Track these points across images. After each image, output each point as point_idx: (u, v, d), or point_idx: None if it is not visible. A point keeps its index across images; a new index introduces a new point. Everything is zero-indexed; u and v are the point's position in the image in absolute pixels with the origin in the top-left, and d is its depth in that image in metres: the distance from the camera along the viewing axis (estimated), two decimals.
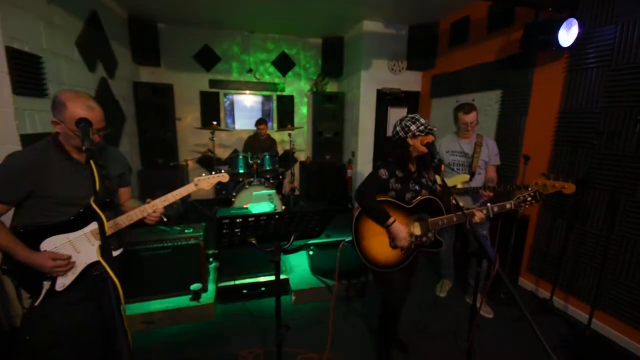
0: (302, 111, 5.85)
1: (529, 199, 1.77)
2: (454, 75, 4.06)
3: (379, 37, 4.55)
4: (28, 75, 2.26)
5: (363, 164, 4.92)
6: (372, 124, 4.82)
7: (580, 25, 2.47)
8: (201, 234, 2.55)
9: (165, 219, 2.53)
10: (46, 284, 1.33)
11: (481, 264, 1.51)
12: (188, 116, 5.22)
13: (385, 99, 4.80)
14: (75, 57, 3.03)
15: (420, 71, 4.80)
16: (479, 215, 1.76)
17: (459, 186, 2.61)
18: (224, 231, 1.22)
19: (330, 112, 5.34)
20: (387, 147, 1.90)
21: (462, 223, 1.63)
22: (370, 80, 4.66)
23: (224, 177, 1.72)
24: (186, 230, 2.57)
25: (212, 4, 4.01)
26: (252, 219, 1.17)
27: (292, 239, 1.39)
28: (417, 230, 1.84)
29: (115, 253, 1.54)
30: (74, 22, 3.02)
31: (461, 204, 1.75)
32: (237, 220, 1.15)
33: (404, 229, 1.76)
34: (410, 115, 1.78)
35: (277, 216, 1.18)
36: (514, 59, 3.12)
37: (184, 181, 4.26)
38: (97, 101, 1.38)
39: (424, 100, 4.81)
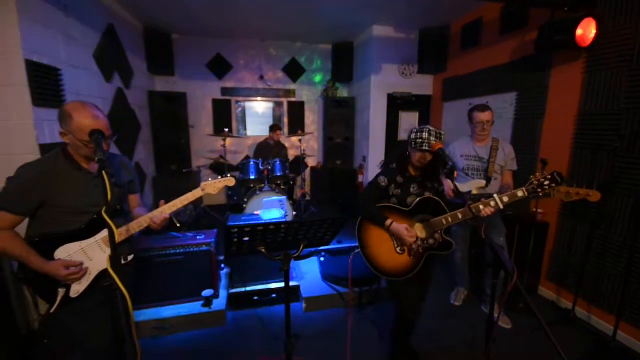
0: (313, 116, 5.87)
1: (546, 182, 1.58)
2: (466, 78, 3.99)
3: (389, 42, 4.53)
4: (47, 87, 2.34)
5: (374, 169, 4.87)
6: (383, 128, 4.79)
7: (598, 25, 2.39)
8: (213, 240, 2.57)
9: (178, 225, 2.57)
10: (61, 291, 1.36)
11: (498, 275, 1.45)
12: (201, 123, 5.32)
13: (396, 103, 4.76)
14: (92, 68, 3.13)
15: (431, 75, 4.75)
16: (487, 210, 1.66)
17: (474, 192, 2.54)
18: (233, 239, 1.22)
19: (341, 117, 5.34)
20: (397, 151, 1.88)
21: (477, 230, 1.58)
22: (381, 84, 4.64)
23: (230, 181, 1.74)
24: (198, 237, 2.59)
25: (224, 15, 4.09)
26: (261, 227, 1.16)
27: (301, 248, 1.38)
28: (421, 232, 1.79)
29: (127, 259, 1.56)
30: (91, 35, 3.13)
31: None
32: (246, 229, 1.14)
33: (404, 225, 1.71)
34: (422, 127, 1.73)
35: (285, 225, 1.17)
36: (529, 61, 3.04)
37: (196, 187, 4.31)
38: (111, 110, 1.43)
39: (436, 103, 4.75)
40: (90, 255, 1.43)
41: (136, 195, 1.76)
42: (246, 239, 1.23)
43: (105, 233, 1.47)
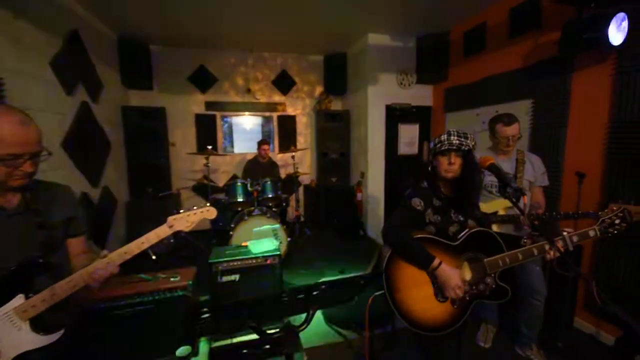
0: (305, 131, 5.50)
1: (617, 221, 1.35)
2: (471, 87, 3.71)
3: (385, 51, 4.26)
4: None
5: (374, 186, 4.49)
6: (382, 141, 4.44)
7: (631, 21, 2.12)
8: (190, 282, 2.08)
9: (154, 257, 2.03)
10: None
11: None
12: (183, 140, 4.85)
13: (395, 115, 4.44)
14: (48, 78, 2.68)
15: (431, 85, 4.47)
16: (553, 252, 1.34)
17: (501, 212, 2.17)
18: (203, 318, 0.77)
19: (335, 131, 4.99)
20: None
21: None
22: (378, 95, 4.33)
23: (209, 213, 1.31)
24: (172, 278, 2.10)
25: (207, 23, 3.74)
26: (251, 302, 0.72)
27: (310, 314, 0.93)
28: (468, 274, 1.40)
29: (49, 339, 1.07)
30: (49, 41, 2.70)
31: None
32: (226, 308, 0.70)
33: (456, 272, 1.32)
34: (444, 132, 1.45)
35: (284, 297, 0.74)
36: (546, 64, 2.76)
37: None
38: (73, 127, 1.04)
39: (437, 114, 4.45)
40: None
41: (79, 238, 1.29)
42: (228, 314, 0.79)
43: (18, 301, 1.01)
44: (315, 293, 0.87)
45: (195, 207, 1.31)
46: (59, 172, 2.68)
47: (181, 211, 1.29)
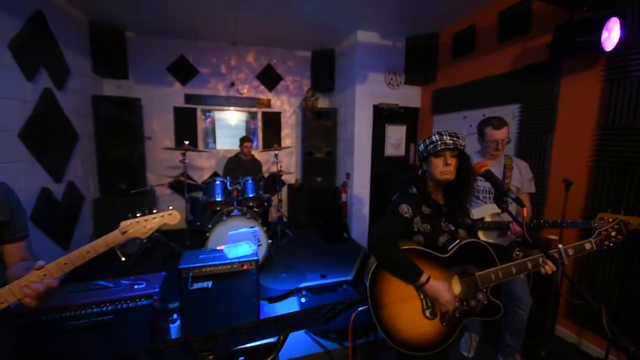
0: (290, 129, 5.33)
1: (613, 233, 1.32)
2: (459, 89, 3.65)
3: (374, 49, 4.15)
4: None
5: (360, 187, 4.38)
6: (369, 142, 4.34)
7: (623, 26, 2.08)
8: (157, 289, 1.90)
9: (123, 259, 1.87)
10: None
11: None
12: (161, 134, 4.59)
13: (383, 116, 4.35)
14: (7, 62, 2.43)
15: (419, 86, 4.40)
16: (549, 266, 1.26)
17: (488, 219, 2.10)
18: None
19: (322, 129, 4.86)
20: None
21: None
22: (366, 95, 4.22)
23: (171, 217, 1.15)
24: (136, 286, 1.91)
25: (189, 11, 3.53)
26: (204, 338, 0.57)
27: (281, 340, 0.80)
28: (457, 289, 1.30)
29: None
30: (8, 22, 2.45)
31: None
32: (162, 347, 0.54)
33: (445, 286, 1.23)
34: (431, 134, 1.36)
35: (256, 324, 0.60)
36: (534, 69, 2.72)
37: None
38: (33, 116, 0.91)
39: (425, 116, 4.39)
40: None
41: (18, 244, 1.11)
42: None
43: None
44: (292, 313, 0.73)
45: (155, 211, 1.15)
46: (14, 165, 2.43)
47: (138, 215, 1.13)
